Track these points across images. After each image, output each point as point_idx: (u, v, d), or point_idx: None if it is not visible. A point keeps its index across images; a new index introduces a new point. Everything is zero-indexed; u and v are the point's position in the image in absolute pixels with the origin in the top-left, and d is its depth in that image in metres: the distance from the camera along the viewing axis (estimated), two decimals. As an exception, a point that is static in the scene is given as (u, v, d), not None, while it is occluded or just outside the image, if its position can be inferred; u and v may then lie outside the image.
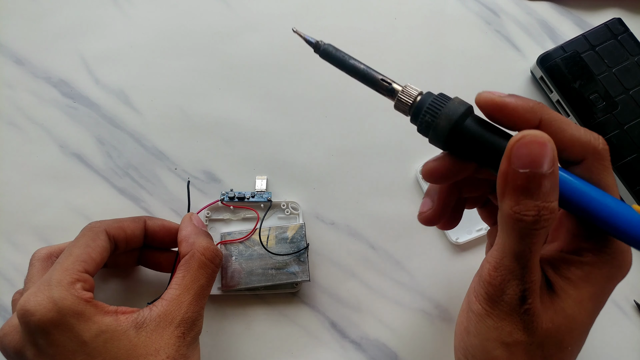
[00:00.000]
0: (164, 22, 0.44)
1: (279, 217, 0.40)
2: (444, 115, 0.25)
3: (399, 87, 0.27)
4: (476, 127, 0.25)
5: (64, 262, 0.30)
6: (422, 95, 0.26)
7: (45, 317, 0.28)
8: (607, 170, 0.24)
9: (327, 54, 0.28)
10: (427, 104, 0.25)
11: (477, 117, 0.25)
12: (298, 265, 0.37)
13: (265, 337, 0.38)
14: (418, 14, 0.45)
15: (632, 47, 0.41)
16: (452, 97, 0.26)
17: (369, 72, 0.27)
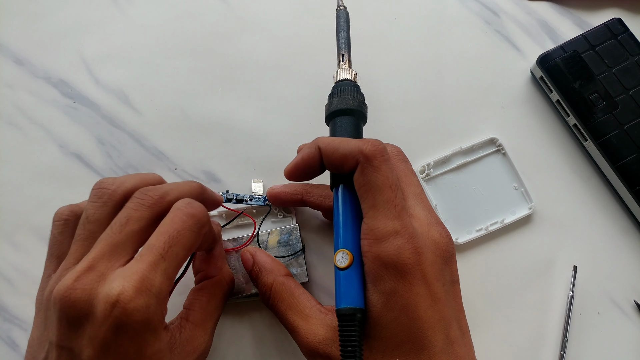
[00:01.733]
0: (164, 22, 0.44)
1: (272, 221, 0.40)
2: (329, 104, 0.33)
3: (343, 66, 0.34)
4: (336, 126, 0.32)
5: (168, 267, 0.26)
6: (347, 82, 0.33)
7: (137, 324, 0.24)
8: (375, 169, 0.28)
9: (337, 17, 0.35)
10: (338, 88, 0.33)
11: (352, 119, 0.32)
12: (296, 267, 0.37)
13: (265, 337, 0.38)
14: (418, 14, 0.45)
15: (632, 47, 0.41)
16: (355, 96, 0.32)
17: (342, 45, 0.34)
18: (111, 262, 0.26)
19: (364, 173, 0.28)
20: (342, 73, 0.33)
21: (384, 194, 0.27)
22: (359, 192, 0.28)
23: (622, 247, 0.40)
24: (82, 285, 0.25)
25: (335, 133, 0.32)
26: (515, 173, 0.41)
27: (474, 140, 0.41)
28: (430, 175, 0.41)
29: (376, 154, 0.28)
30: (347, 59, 0.33)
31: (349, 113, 0.32)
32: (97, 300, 0.24)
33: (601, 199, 0.41)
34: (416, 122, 0.42)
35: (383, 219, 0.27)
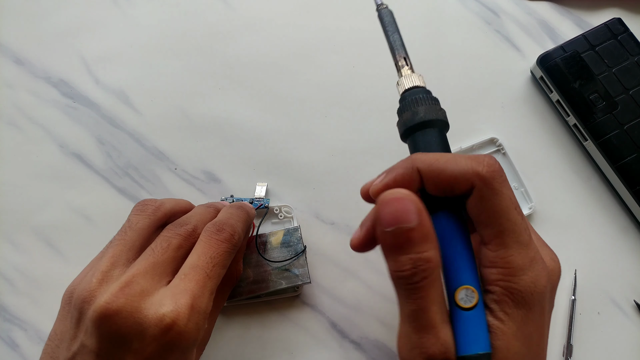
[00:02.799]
0: (164, 22, 0.44)
1: (272, 222, 0.40)
2: (414, 113, 0.27)
3: (409, 72, 0.29)
4: (427, 138, 0.26)
5: (213, 286, 0.29)
6: (418, 89, 0.28)
7: (187, 344, 0.26)
8: (496, 192, 0.24)
9: (381, 15, 0.32)
10: (413, 97, 0.27)
11: (441, 134, 0.27)
12: (297, 268, 0.37)
13: (265, 338, 0.38)
14: (418, 14, 0.45)
15: (632, 47, 0.41)
16: (439, 104, 0.28)
17: (397, 47, 0.31)
18: (153, 281, 0.27)
19: (483, 197, 0.24)
20: (411, 79, 0.28)
21: (511, 218, 0.24)
22: (478, 217, 0.24)
23: (622, 247, 0.40)
24: (126, 297, 0.26)
25: (425, 149, 0.27)
26: (515, 173, 0.41)
27: (474, 140, 0.41)
28: (430, 175, 0.41)
29: (495, 175, 0.24)
30: (409, 62, 0.29)
31: (432, 125, 0.27)
32: (146, 317, 0.25)
33: (601, 199, 0.41)
34: (416, 122, 0.42)
35: (516, 246, 0.24)
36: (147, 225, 0.30)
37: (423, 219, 0.22)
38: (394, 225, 0.22)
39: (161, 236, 0.30)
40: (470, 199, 0.24)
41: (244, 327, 0.38)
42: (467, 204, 0.25)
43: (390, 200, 0.23)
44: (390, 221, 0.22)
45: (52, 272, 0.39)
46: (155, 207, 0.31)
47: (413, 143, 0.27)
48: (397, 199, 0.22)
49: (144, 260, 0.28)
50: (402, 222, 0.22)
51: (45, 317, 0.38)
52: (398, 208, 0.22)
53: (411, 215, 0.22)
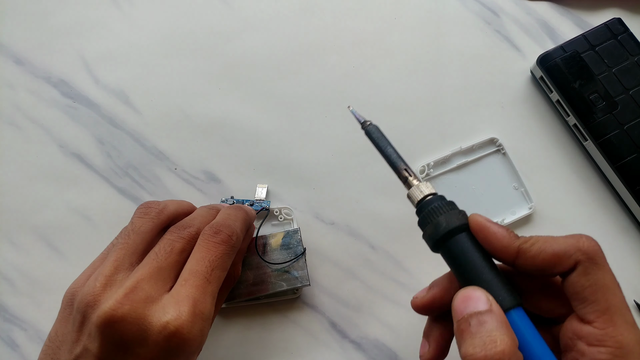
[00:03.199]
0: (164, 22, 0.44)
1: (272, 224, 0.40)
2: (434, 225, 0.26)
3: (415, 182, 0.28)
4: (460, 244, 0.26)
5: (214, 289, 0.29)
6: (431, 196, 0.28)
7: (191, 349, 0.27)
8: (601, 268, 0.24)
9: (369, 132, 0.31)
10: (429, 208, 0.27)
11: (470, 235, 0.26)
12: (297, 270, 0.37)
13: (265, 338, 0.38)
14: (418, 14, 0.45)
15: (632, 47, 0.41)
16: (456, 208, 0.27)
17: (396, 160, 0.29)
18: (157, 286, 0.27)
19: (589, 272, 0.24)
20: (421, 189, 0.28)
21: (617, 295, 0.24)
22: (581, 294, 0.24)
23: (622, 247, 0.40)
24: (131, 303, 0.26)
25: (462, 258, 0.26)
26: (515, 173, 0.41)
27: (474, 140, 0.41)
28: (430, 175, 0.41)
29: (598, 250, 0.25)
30: (412, 172, 0.29)
31: (459, 231, 0.26)
32: (150, 324, 0.26)
33: (601, 199, 0.41)
34: (416, 122, 0.42)
35: (625, 325, 0.23)
36: (150, 228, 0.30)
37: (496, 308, 0.23)
38: (467, 312, 0.23)
39: (164, 239, 0.30)
40: (573, 275, 0.24)
41: (245, 327, 0.38)
42: (569, 281, 0.25)
43: (466, 296, 0.24)
44: (464, 309, 0.23)
45: (52, 272, 0.39)
46: (159, 210, 0.31)
47: (449, 256, 0.26)
48: (471, 296, 0.23)
49: (147, 264, 0.28)
50: (475, 309, 0.23)
51: (45, 317, 0.38)
52: (473, 300, 0.23)
53: (482, 303, 0.23)
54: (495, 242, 0.25)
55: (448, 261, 0.27)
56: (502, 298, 0.24)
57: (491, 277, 0.25)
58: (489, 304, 0.23)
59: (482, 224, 0.26)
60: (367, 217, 0.40)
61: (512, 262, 0.25)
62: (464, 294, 0.24)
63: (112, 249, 0.29)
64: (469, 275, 0.25)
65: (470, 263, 0.25)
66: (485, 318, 0.22)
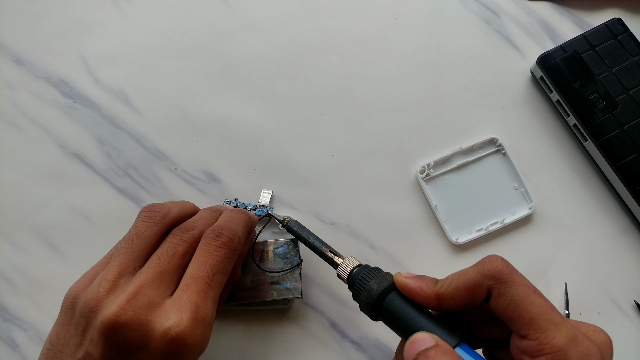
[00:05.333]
0: (164, 22, 0.44)
1: (273, 232, 0.40)
2: (367, 291, 0.28)
3: (339, 260, 0.31)
4: (394, 303, 0.27)
5: (215, 294, 0.29)
6: (357, 268, 0.30)
7: (193, 355, 0.27)
8: (511, 285, 0.25)
9: (289, 227, 0.35)
10: (357, 279, 0.29)
11: (398, 292, 0.28)
12: (291, 281, 0.37)
13: (266, 338, 0.38)
14: (418, 14, 0.45)
15: (632, 47, 0.41)
16: (381, 272, 0.29)
17: (319, 246, 0.33)
18: (160, 291, 0.27)
19: (501, 294, 0.25)
20: (346, 264, 0.31)
21: (535, 302, 0.24)
22: (505, 314, 0.25)
23: (622, 247, 0.40)
24: (134, 309, 0.26)
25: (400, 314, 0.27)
26: (515, 173, 0.41)
27: (474, 140, 0.41)
28: (430, 175, 0.41)
29: (502, 268, 0.25)
30: (335, 251, 0.32)
31: (390, 290, 0.28)
32: (153, 330, 0.26)
33: (601, 199, 0.41)
34: (416, 122, 0.42)
35: (553, 327, 0.24)
36: (154, 233, 0.30)
37: (440, 341, 0.24)
38: (414, 353, 0.24)
39: (167, 242, 0.30)
40: (492, 300, 0.25)
41: (245, 327, 0.38)
42: (491, 306, 0.25)
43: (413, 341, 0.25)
44: (411, 352, 0.24)
45: (52, 272, 0.39)
46: (163, 214, 0.31)
47: (387, 315, 0.28)
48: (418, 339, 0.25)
49: (150, 269, 0.28)
50: (422, 347, 0.24)
51: (45, 317, 0.38)
52: (417, 339, 0.25)
53: (427, 340, 0.24)
54: (417, 296, 0.27)
55: (388, 322, 0.28)
56: (444, 339, 0.25)
57: (428, 323, 0.26)
58: (433, 341, 0.24)
59: (403, 282, 0.27)
60: (367, 217, 0.40)
61: (439, 307, 0.27)
62: (411, 339, 0.25)
63: (116, 253, 0.29)
64: (410, 328, 0.26)
65: (407, 316, 0.27)
66: (432, 352, 0.23)
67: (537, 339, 0.24)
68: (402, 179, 0.41)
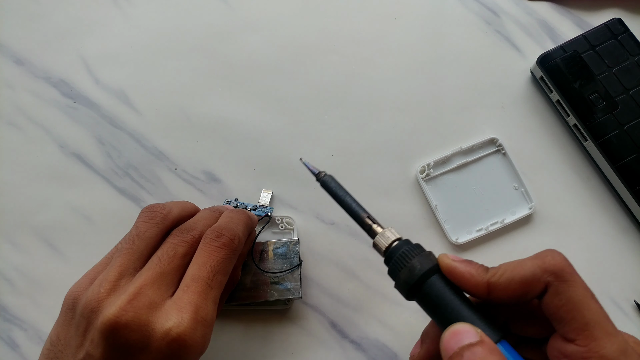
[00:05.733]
0: (164, 22, 0.44)
1: (273, 232, 0.40)
2: (408, 270, 0.26)
3: (380, 229, 0.28)
4: (435, 287, 0.26)
5: (216, 295, 0.29)
6: (397, 242, 0.27)
7: (193, 355, 0.27)
8: (571, 285, 0.24)
9: (325, 184, 0.30)
10: (398, 254, 0.27)
11: (442, 276, 0.26)
12: (291, 281, 0.37)
13: (265, 337, 0.38)
14: (418, 14, 0.45)
15: (632, 47, 0.41)
16: (424, 251, 0.27)
17: (356, 209, 0.29)
18: (161, 291, 0.27)
19: (559, 292, 0.24)
20: (386, 236, 0.28)
21: (592, 308, 0.24)
22: (557, 315, 0.24)
23: (622, 247, 0.40)
24: (134, 310, 0.26)
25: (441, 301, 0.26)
26: (515, 173, 0.41)
27: (474, 140, 0.41)
28: (430, 175, 0.41)
29: (564, 266, 0.24)
30: (374, 219, 0.29)
31: (433, 272, 0.26)
32: (153, 331, 0.26)
33: (601, 199, 0.41)
34: (416, 122, 0.42)
35: (606, 337, 0.23)
36: (155, 234, 0.30)
37: (484, 336, 0.23)
38: (457, 346, 0.23)
39: (167, 243, 0.30)
40: (546, 297, 0.24)
41: (245, 327, 0.38)
42: (543, 303, 0.24)
43: (453, 332, 0.23)
44: (452, 343, 0.23)
45: (52, 272, 0.39)
46: (164, 214, 0.31)
47: (426, 300, 0.26)
48: (459, 331, 0.23)
49: (151, 269, 0.28)
50: (465, 342, 0.23)
51: (45, 317, 0.38)
52: (459, 331, 0.23)
53: (471, 334, 0.23)
54: (465, 282, 0.25)
55: (425, 306, 0.26)
56: (487, 334, 0.24)
57: (471, 313, 0.25)
58: (477, 336, 0.23)
59: (451, 266, 0.26)
60: (367, 217, 0.40)
61: (487, 297, 0.25)
62: (451, 330, 0.24)
63: (117, 253, 0.29)
64: (449, 316, 0.25)
65: (448, 304, 0.25)
66: (479, 349, 0.22)
67: (586, 345, 0.23)
68: (402, 179, 0.41)
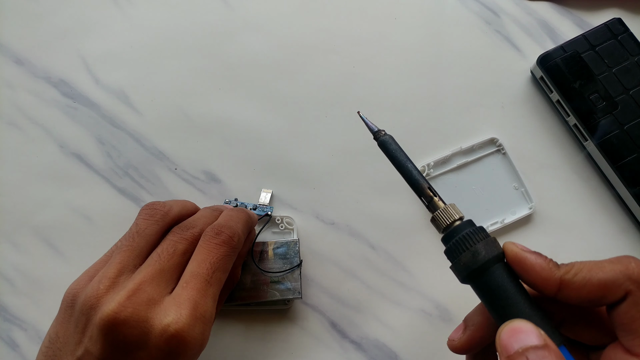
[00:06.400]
0: (164, 22, 0.44)
1: (273, 232, 0.40)
2: (471, 254, 0.24)
3: (442, 204, 0.26)
4: (498, 276, 0.24)
5: (215, 291, 0.29)
6: (460, 221, 0.25)
7: (192, 351, 0.27)
8: None
9: (383, 145, 0.27)
10: (461, 235, 0.25)
11: (506, 266, 0.24)
12: (291, 281, 0.37)
13: (266, 338, 0.38)
14: (418, 14, 0.45)
15: (632, 47, 0.41)
16: (489, 236, 0.25)
17: (418, 178, 0.27)
18: (160, 288, 0.27)
19: (639, 303, 0.22)
20: (449, 213, 0.26)
21: None
22: (624, 325, 0.23)
23: (622, 247, 0.40)
24: (133, 306, 0.26)
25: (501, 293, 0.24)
26: (515, 173, 0.41)
27: (474, 140, 0.41)
28: (430, 175, 0.41)
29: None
30: (435, 191, 0.26)
31: (497, 261, 0.24)
32: (152, 327, 0.26)
33: (601, 199, 0.41)
34: (416, 122, 0.42)
35: None
36: (155, 231, 0.30)
37: (549, 342, 0.21)
38: (519, 347, 0.21)
39: (167, 240, 0.30)
40: (623, 306, 0.23)
41: (245, 327, 0.38)
42: (617, 311, 0.23)
43: (512, 329, 0.22)
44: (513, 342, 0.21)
45: (52, 272, 0.39)
46: (164, 212, 0.31)
47: (484, 288, 0.24)
48: (519, 329, 0.22)
49: (150, 266, 0.28)
50: (526, 342, 0.21)
51: (45, 317, 0.38)
52: (521, 329, 0.22)
53: (534, 335, 0.21)
54: (535, 275, 0.24)
55: (483, 294, 0.24)
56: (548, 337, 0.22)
57: (532, 313, 0.23)
58: (542, 338, 0.21)
59: (520, 256, 0.24)
60: (367, 217, 0.40)
61: (554, 295, 0.24)
62: (511, 326, 0.22)
63: (116, 250, 0.29)
64: (509, 311, 0.23)
65: (509, 297, 0.23)
66: (544, 353, 0.21)
67: None
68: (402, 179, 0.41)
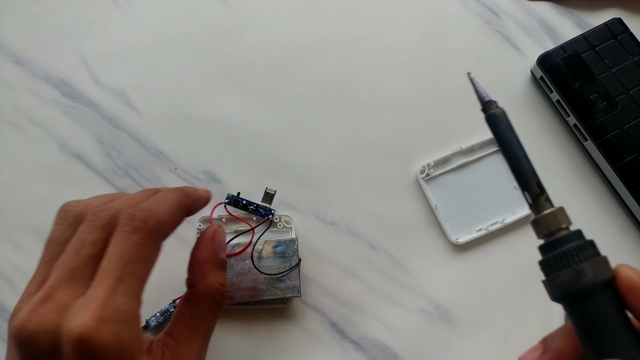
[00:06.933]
0: (164, 22, 0.44)
1: (271, 231, 0.40)
2: (575, 273, 0.20)
3: (549, 206, 0.22)
4: (603, 306, 0.20)
5: (130, 286, 0.24)
6: (567, 231, 0.22)
7: (108, 356, 0.23)
8: None
9: (492, 120, 0.23)
10: (565, 248, 0.21)
11: (614, 293, 0.21)
12: (290, 280, 0.37)
13: (265, 337, 0.38)
14: (418, 14, 0.45)
15: (632, 47, 0.41)
16: (600, 255, 0.21)
17: (526, 169, 0.23)
18: (71, 290, 0.24)
19: None
20: (557, 218, 0.22)
21: None
22: None
23: (622, 247, 0.40)
24: (39, 317, 0.23)
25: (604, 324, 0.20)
26: (515, 173, 0.41)
27: (474, 140, 0.41)
28: (430, 175, 0.41)
29: None
30: (543, 189, 0.22)
31: (605, 287, 0.20)
32: (61, 335, 0.23)
33: (601, 199, 0.41)
34: (416, 122, 0.42)
35: None
36: (69, 237, 0.26)
37: None
38: None
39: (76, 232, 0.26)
40: None
41: (244, 327, 0.38)
42: None
43: None
44: None
45: (52, 272, 0.39)
46: (77, 212, 0.27)
47: (582, 315, 0.20)
48: None
49: (57, 268, 0.25)
50: None
51: (45, 317, 0.38)
52: None
53: None
54: None
55: (578, 321, 0.21)
56: None
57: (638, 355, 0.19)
58: None
59: (638, 285, 0.20)
60: (367, 217, 0.40)
61: None
62: None
63: (38, 264, 0.27)
64: (610, 348, 0.19)
65: (612, 333, 0.19)
66: None
67: None
68: (402, 179, 0.41)
